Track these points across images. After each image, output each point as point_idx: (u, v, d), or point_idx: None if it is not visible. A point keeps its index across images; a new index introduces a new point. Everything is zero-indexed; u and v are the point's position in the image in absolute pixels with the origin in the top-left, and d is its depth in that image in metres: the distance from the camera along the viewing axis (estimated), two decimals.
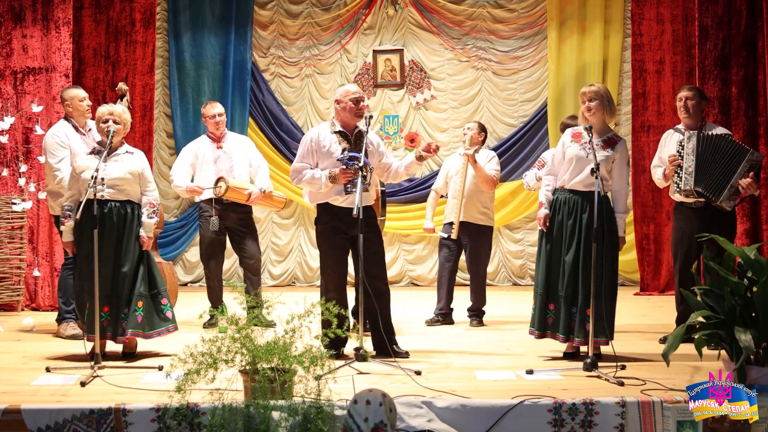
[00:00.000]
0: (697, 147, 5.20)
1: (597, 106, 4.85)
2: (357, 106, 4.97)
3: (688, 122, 5.38)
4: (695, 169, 5.20)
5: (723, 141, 5.23)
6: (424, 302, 7.19)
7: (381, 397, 3.28)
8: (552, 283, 4.87)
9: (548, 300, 4.89)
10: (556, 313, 4.86)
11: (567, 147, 4.92)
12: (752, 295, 3.89)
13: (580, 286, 4.75)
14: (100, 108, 4.98)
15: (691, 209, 5.37)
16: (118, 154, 4.94)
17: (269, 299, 3.82)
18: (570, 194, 4.87)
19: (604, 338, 4.71)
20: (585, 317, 4.73)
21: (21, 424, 3.57)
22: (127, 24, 8.55)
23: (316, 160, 4.99)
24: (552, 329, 4.89)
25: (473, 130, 6.38)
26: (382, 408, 3.24)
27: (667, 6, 8.70)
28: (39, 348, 5.35)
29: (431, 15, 9.36)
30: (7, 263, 7.22)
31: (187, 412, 3.56)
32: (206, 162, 6.29)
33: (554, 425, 3.67)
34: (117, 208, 4.85)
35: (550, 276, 4.88)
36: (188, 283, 9.39)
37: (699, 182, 5.20)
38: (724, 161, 5.19)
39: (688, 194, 5.28)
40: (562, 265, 4.83)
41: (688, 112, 5.34)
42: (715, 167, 5.19)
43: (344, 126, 5.02)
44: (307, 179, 4.96)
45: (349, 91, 5.01)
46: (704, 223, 5.24)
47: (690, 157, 5.22)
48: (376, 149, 5.12)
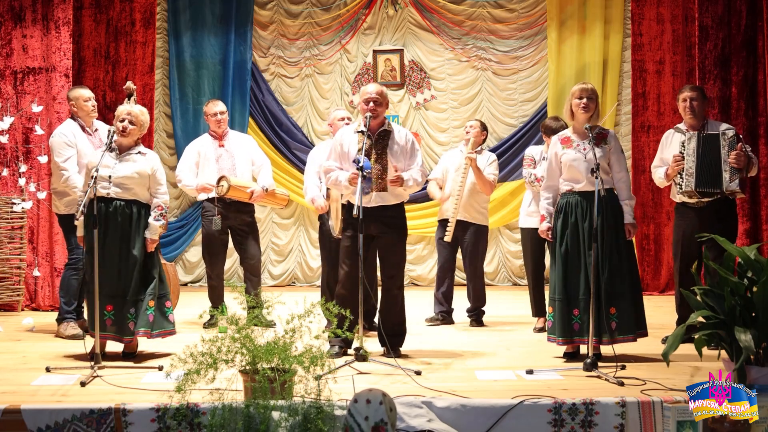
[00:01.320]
0: (697, 148, 5.20)
1: (593, 106, 4.87)
2: (367, 106, 4.95)
3: (693, 122, 5.34)
4: (696, 170, 5.20)
5: (713, 138, 5.21)
6: (424, 302, 7.19)
7: (381, 396, 3.28)
8: (571, 287, 4.79)
9: (570, 305, 4.78)
10: (581, 317, 4.75)
11: (562, 154, 4.91)
12: (752, 295, 3.89)
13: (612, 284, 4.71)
14: (120, 107, 5.02)
15: (693, 209, 5.36)
16: (131, 153, 4.95)
17: (269, 299, 3.82)
18: (580, 197, 4.84)
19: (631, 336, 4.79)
20: (610, 316, 4.73)
21: (21, 424, 3.57)
22: (127, 24, 8.55)
23: (341, 160, 5.03)
24: (579, 335, 4.76)
25: (476, 129, 6.38)
26: (382, 407, 3.24)
27: (667, 6, 8.70)
28: (39, 348, 5.35)
29: (431, 15, 9.37)
30: (7, 263, 7.22)
31: (187, 412, 3.56)
32: (208, 160, 6.29)
33: (554, 425, 3.67)
34: (122, 207, 4.85)
35: (569, 281, 4.80)
36: (188, 283, 9.39)
37: (700, 183, 5.20)
38: (715, 154, 5.18)
39: (691, 195, 5.27)
40: (583, 267, 4.77)
41: (694, 112, 5.31)
42: (711, 164, 5.19)
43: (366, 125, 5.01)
44: (333, 181, 5.01)
45: (365, 92, 5.02)
46: (705, 222, 5.23)
47: (690, 158, 5.22)
48: (402, 150, 5.03)
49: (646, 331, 4.90)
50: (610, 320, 4.74)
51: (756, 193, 7.47)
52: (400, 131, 5.10)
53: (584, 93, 4.88)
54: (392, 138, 5.02)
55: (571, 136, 4.92)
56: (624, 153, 5.12)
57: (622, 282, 4.77)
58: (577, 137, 4.90)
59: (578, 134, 4.91)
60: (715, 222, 5.24)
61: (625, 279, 4.79)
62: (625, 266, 4.81)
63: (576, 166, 4.84)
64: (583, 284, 4.74)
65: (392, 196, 5.00)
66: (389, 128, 5.05)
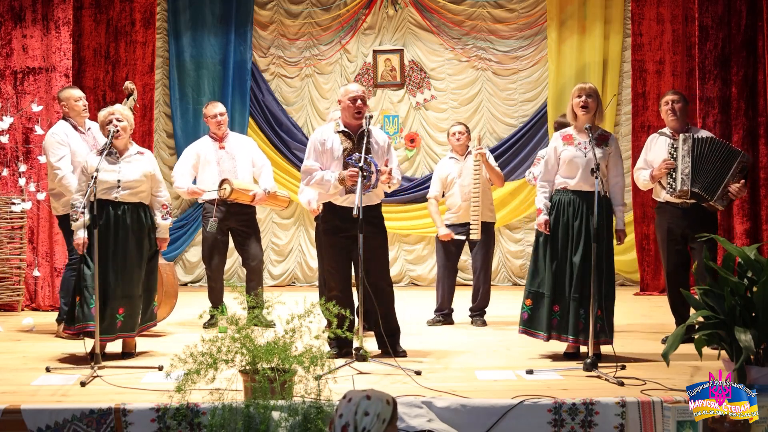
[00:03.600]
0: (692, 149, 5.27)
1: (594, 105, 4.89)
2: (354, 104, 4.94)
3: (675, 125, 5.44)
4: (692, 171, 5.25)
5: (717, 143, 5.31)
6: (424, 302, 7.19)
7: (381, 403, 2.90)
8: (558, 284, 4.84)
9: (554, 301, 4.85)
10: (561, 314, 4.83)
11: (561, 150, 4.93)
12: (752, 295, 3.89)
13: (592, 286, 4.70)
14: (100, 112, 4.97)
15: (678, 209, 5.41)
16: (130, 155, 4.93)
17: (269, 299, 3.82)
18: (574, 195, 4.87)
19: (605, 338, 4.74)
20: (595, 317, 4.73)
21: (21, 424, 3.57)
22: (127, 24, 8.55)
23: (322, 159, 4.99)
24: (558, 330, 4.85)
25: (465, 134, 6.45)
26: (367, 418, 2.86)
27: (667, 6, 8.70)
28: (39, 348, 5.35)
29: (431, 15, 9.37)
30: (7, 263, 7.22)
31: (187, 412, 3.57)
32: (209, 162, 6.29)
33: (554, 425, 3.67)
34: (130, 210, 4.85)
35: (557, 277, 4.85)
36: (188, 283, 9.39)
37: (696, 183, 5.26)
38: (718, 163, 5.26)
39: (682, 195, 5.32)
40: (570, 266, 4.81)
41: (675, 114, 5.40)
42: (711, 169, 5.27)
43: (347, 125, 5.01)
44: (317, 181, 4.94)
45: (349, 91, 4.99)
46: (689, 222, 5.34)
47: (686, 159, 5.28)
48: (381, 150, 5.04)
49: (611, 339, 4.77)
50: (579, 320, 4.76)
51: (756, 193, 7.47)
52: (378, 131, 5.11)
53: (584, 92, 4.89)
54: (373, 138, 5.02)
55: (573, 134, 4.95)
56: (622, 158, 5.14)
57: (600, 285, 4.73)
58: (580, 136, 4.92)
59: (582, 133, 4.92)
60: (698, 222, 5.30)
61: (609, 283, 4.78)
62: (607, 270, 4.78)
63: (575, 162, 4.86)
64: (568, 282, 4.80)
65: (375, 196, 5.02)
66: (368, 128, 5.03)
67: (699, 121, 7.42)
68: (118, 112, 4.88)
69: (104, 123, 4.88)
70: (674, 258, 5.46)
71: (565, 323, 4.83)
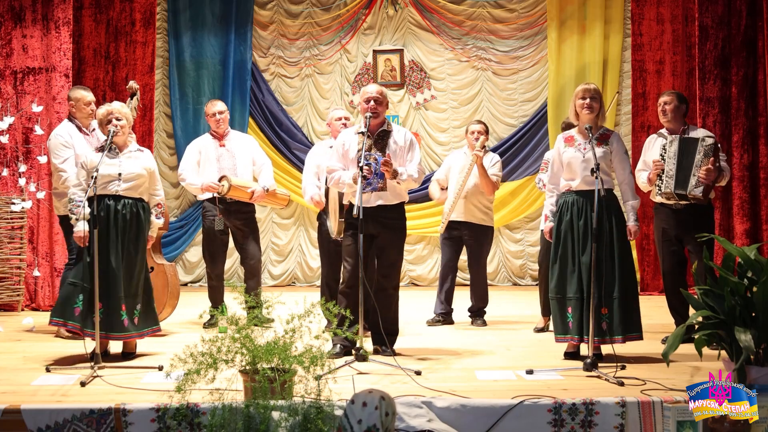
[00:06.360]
0: (678, 151, 5.29)
1: (597, 105, 4.88)
2: (367, 105, 4.97)
3: (670, 126, 5.46)
4: (675, 172, 5.29)
5: (693, 141, 5.29)
6: (424, 302, 7.19)
7: (379, 399, 3.19)
8: (567, 286, 4.82)
9: (565, 303, 4.83)
10: (573, 315, 4.79)
11: (563, 152, 4.94)
12: (752, 295, 3.89)
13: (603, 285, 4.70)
14: (99, 110, 4.97)
15: (671, 210, 5.45)
16: (131, 151, 4.95)
17: (269, 299, 3.82)
18: (577, 196, 4.87)
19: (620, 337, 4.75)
20: (602, 317, 4.73)
21: (21, 424, 3.57)
22: (127, 24, 8.55)
23: (344, 161, 5.05)
24: (572, 333, 4.80)
25: (483, 134, 6.37)
26: (377, 412, 3.17)
27: (667, 6, 8.70)
28: (39, 348, 5.35)
29: (431, 15, 9.37)
30: (7, 263, 7.22)
31: (187, 412, 3.56)
32: (209, 160, 6.29)
33: (554, 425, 3.67)
34: (130, 205, 4.85)
35: (565, 279, 4.83)
36: (188, 283, 9.39)
37: (677, 185, 5.28)
38: (691, 158, 5.27)
39: (669, 197, 5.34)
40: (577, 266, 4.80)
41: (666, 115, 5.42)
42: (688, 166, 5.28)
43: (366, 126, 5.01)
44: (335, 180, 5.06)
45: (364, 92, 5.04)
46: (683, 223, 5.38)
47: (672, 161, 5.32)
48: (400, 149, 5.05)
49: (641, 334, 4.84)
50: (602, 320, 4.75)
51: (756, 193, 7.47)
52: (400, 131, 5.13)
53: (587, 93, 4.88)
54: (392, 137, 5.04)
55: (575, 135, 4.95)
56: (628, 155, 5.13)
57: (614, 283, 4.76)
58: (581, 137, 4.92)
59: (582, 134, 4.92)
60: (692, 223, 5.32)
61: (619, 280, 4.78)
62: (621, 267, 4.80)
63: (573, 163, 4.86)
64: (576, 283, 4.78)
65: (392, 196, 5.01)
66: (389, 128, 5.07)
67: (699, 121, 7.43)
68: (116, 111, 4.89)
69: (103, 122, 4.89)
70: (670, 259, 5.49)
71: (575, 324, 4.76)
